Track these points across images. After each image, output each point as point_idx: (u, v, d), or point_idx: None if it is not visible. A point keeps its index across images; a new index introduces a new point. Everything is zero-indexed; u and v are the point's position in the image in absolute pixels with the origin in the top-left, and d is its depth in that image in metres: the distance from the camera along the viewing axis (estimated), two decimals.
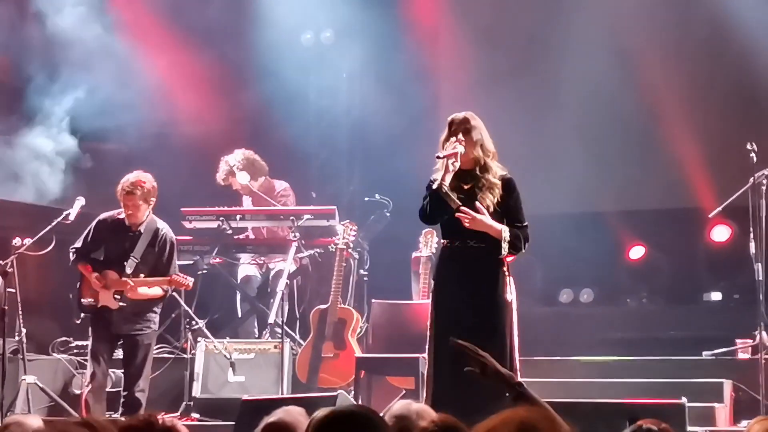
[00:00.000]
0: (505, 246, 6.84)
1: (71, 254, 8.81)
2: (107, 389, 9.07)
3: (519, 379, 6.72)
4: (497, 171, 6.98)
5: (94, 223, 8.85)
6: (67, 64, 11.14)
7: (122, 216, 8.74)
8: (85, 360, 8.92)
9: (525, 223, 7.02)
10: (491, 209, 6.89)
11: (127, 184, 8.60)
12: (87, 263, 8.74)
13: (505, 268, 6.92)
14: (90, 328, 8.75)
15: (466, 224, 6.83)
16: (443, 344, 6.90)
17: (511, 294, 6.92)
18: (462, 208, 6.84)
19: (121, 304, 8.57)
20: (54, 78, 11.17)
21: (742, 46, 10.77)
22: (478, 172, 6.96)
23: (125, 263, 8.61)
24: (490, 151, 6.99)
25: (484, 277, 6.92)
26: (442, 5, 11.76)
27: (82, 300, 8.71)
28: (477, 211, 6.86)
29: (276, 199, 10.60)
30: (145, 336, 8.63)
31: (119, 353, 8.89)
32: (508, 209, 6.96)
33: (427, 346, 7.06)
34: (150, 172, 8.80)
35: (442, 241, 7.15)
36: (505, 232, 6.85)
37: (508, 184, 6.99)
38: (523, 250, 7.00)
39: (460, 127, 6.94)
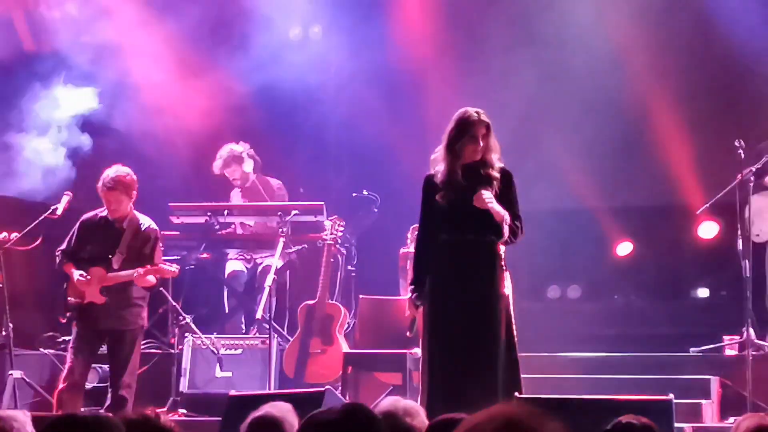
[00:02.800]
0: (506, 228, 6.83)
1: (57, 257, 8.74)
2: (95, 384, 9.06)
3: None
4: (496, 164, 6.98)
5: (77, 224, 8.77)
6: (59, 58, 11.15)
7: (105, 213, 8.69)
8: None
9: (520, 216, 7.03)
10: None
11: (108, 180, 8.51)
12: (71, 263, 8.68)
13: (502, 262, 6.94)
14: (75, 326, 8.73)
15: (486, 203, 6.79)
16: (438, 338, 6.90)
17: (507, 287, 6.93)
18: (474, 196, 6.82)
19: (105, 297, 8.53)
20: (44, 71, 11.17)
21: (728, 44, 10.78)
22: (478, 167, 6.96)
23: (111, 258, 8.58)
24: (496, 148, 6.99)
25: (481, 271, 6.92)
26: (431, 0, 11.75)
27: (69, 299, 8.66)
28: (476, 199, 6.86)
29: (274, 196, 10.60)
30: (130, 332, 8.54)
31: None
32: (506, 201, 6.95)
33: (421, 340, 7.05)
34: (138, 167, 8.77)
35: (439, 235, 7.06)
36: (506, 215, 6.86)
37: (506, 177, 7.00)
38: (518, 240, 6.99)
39: (479, 132, 6.90)
